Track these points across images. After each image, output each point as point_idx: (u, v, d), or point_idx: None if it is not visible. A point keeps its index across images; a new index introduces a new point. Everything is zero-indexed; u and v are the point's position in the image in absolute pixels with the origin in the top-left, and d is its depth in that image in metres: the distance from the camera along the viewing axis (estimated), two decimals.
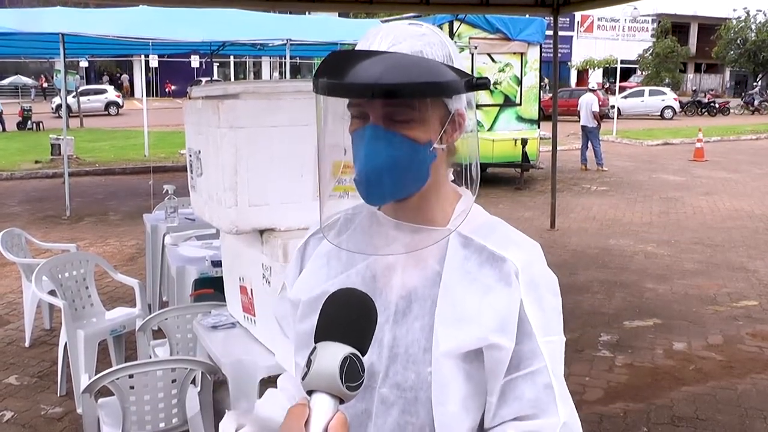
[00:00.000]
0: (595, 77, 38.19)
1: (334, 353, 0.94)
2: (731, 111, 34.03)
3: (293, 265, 1.33)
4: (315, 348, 0.95)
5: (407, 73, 1.02)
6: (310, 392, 0.95)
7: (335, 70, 1.05)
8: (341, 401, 0.94)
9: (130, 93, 43.50)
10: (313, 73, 1.10)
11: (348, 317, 0.98)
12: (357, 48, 1.11)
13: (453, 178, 1.21)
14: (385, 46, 1.08)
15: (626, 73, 43.18)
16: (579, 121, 15.43)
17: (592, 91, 15.44)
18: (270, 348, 2.66)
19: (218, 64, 32.48)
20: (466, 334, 1.11)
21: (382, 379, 1.15)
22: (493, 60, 12.79)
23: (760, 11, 44.97)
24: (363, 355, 0.96)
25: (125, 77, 45.02)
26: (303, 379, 0.95)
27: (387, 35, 1.09)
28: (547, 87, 28.35)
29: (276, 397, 1.37)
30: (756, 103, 35.90)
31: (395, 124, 1.08)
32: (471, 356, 1.12)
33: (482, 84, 1.09)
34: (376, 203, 1.16)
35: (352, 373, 0.93)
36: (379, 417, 1.15)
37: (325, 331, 0.97)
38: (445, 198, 1.20)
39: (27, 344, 5.11)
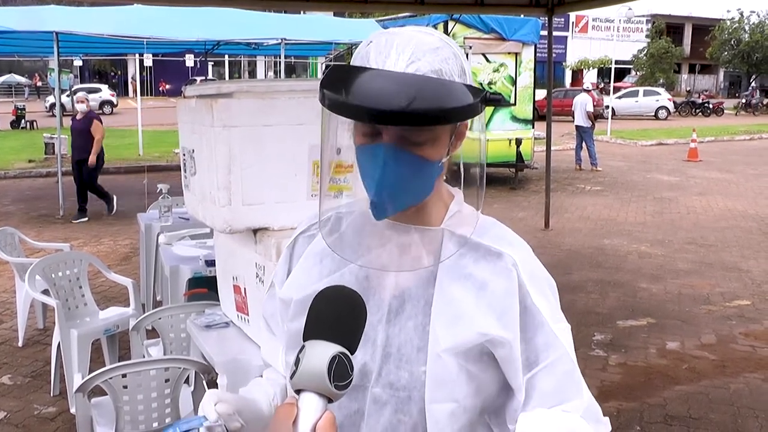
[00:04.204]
0: (590, 77, 38.30)
1: (322, 352, 0.93)
2: (725, 111, 34.11)
3: (282, 263, 1.33)
4: (303, 347, 0.94)
5: (434, 100, 1.00)
6: (298, 391, 0.94)
7: (353, 88, 1.02)
8: (330, 400, 0.94)
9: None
10: (320, 82, 1.06)
11: (337, 315, 0.97)
12: (369, 61, 1.07)
13: (446, 177, 1.21)
14: (402, 64, 1.04)
15: (621, 74, 43.29)
16: (573, 121, 15.46)
17: (587, 91, 15.48)
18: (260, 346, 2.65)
19: (213, 63, 32.44)
20: (465, 330, 1.11)
21: (375, 378, 1.15)
22: (487, 60, 12.79)
23: (754, 12, 45.21)
24: (352, 354, 0.95)
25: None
26: (291, 378, 0.94)
27: (403, 50, 1.05)
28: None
29: (259, 383, 1.37)
30: (753, 102, 36.07)
31: (410, 144, 1.07)
32: (474, 356, 1.12)
33: (495, 99, 1.06)
34: (383, 218, 1.15)
35: (340, 373, 0.92)
36: (372, 416, 1.15)
37: (313, 330, 0.96)
38: (439, 199, 1.20)
39: (20, 344, 5.10)
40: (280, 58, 14.56)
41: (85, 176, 9.66)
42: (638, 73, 45.82)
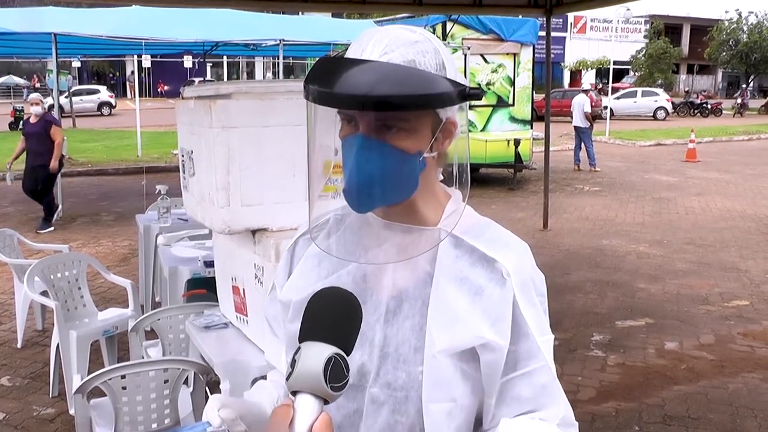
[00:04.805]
0: (588, 78, 38.27)
1: (318, 354, 0.93)
2: (723, 111, 34.11)
3: (283, 265, 1.34)
4: (299, 348, 0.95)
5: (397, 85, 1.01)
6: (294, 393, 0.94)
7: (325, 77, 1.04)
8: (326, 402, 0.94)
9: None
10: (305, 76, 1.09)
11: (333, 317, 0.97)
12: (349, 53, 1.10)
13: (443, 177, 1.21)
14: (376, 55, 1.06)
15: (619, 74, 43.33)
16: (572, 121, 15.47)
17: (585, 91, 15.49)
18: (262, 348, 2.66)
19: (211, 64, 32.43)
20: (461, 333, 1.11)
21: (373, 378, 1.15)
22: (486, 60, 12.81)
23: (752, 13, 45.24)
24: (348, 355, 0.95)
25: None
26: (287, 379, 0.94)
27: (379, 42, 1.08)
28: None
29: (263, 387, 1.37)
30: (744, 103, 36.07)
31: (385, 134, 1.08)
32: (467, 356, 1.13)
33: (475, 94, 1.08)
34: (364, 211, 1.16)
35: (336, 374, 0.93)
36: (369, 417, 1.15)
37: (309, 331, 0.96)
38: (435, 199, 1.20)
39: (19, 345, 5.09)
40: (278, 59, 14.57)
41: (41, 183, 9.06)
42: (636, 73, 45.84)
